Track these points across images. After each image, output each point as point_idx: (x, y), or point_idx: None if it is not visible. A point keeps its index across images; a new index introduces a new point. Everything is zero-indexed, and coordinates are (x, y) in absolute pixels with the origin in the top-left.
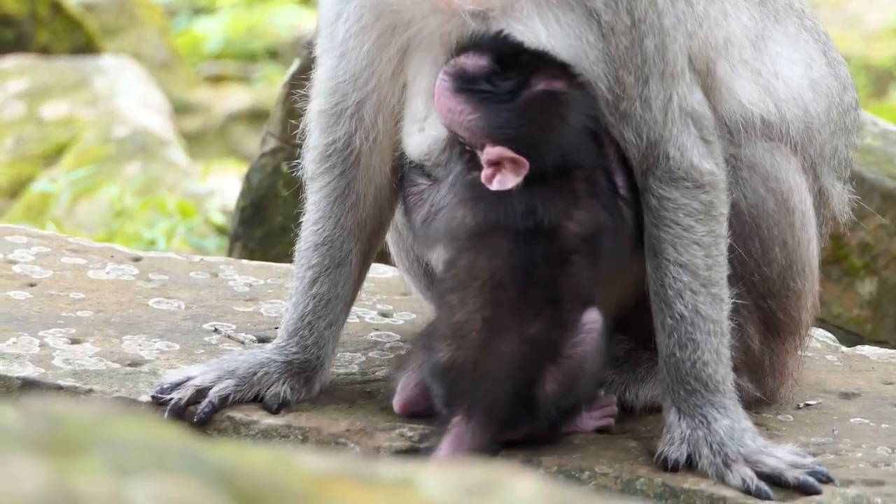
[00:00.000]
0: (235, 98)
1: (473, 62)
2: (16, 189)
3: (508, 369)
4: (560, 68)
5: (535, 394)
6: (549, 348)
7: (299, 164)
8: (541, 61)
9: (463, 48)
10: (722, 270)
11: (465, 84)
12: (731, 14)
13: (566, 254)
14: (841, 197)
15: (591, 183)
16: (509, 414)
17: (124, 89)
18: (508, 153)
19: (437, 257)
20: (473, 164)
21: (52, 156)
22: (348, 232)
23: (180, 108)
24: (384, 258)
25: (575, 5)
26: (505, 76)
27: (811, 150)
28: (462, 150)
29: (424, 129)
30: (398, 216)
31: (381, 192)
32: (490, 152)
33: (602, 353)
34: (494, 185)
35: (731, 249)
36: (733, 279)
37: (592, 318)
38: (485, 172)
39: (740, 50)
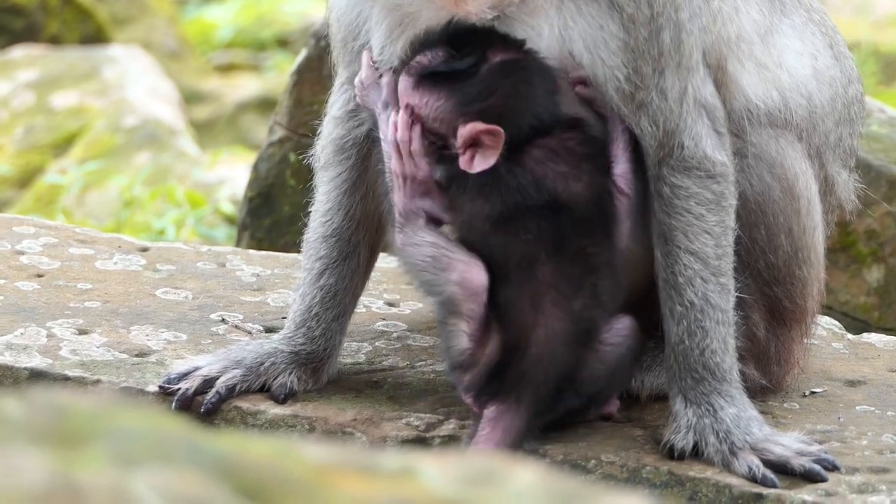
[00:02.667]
0: (245, 87)
1: (426, 56)
2: (26, 179)
3: (560, 348)
4: (513, 41)
5: (576, 377)
6: (592, 327)
7: (309, 153)
8: (493, 36)
9: (413, 51)
10: (729, 261)
11: (423, 74)
12: (741, 9)
13: (588, 222)
14: (847, 185)
15: (586, 146)
16: (552, 401)
17: (134, 79)
18: (481, 126)
19: None
20: (452, 162)
21: (62, 145)
22: (357, 224)
23: (190, 98)
24: (392, 247)
25: None
26: (461, 56)
27: (816, 137)
28: (440, 156)
29: None
30: None
31: None
32: (463, 132)
33: (635, 359)
34: (476, 166)
35: (736, 237)
36: (739, 267)
37: (627, 325)
38: (462, 158)
39: (750, 45)
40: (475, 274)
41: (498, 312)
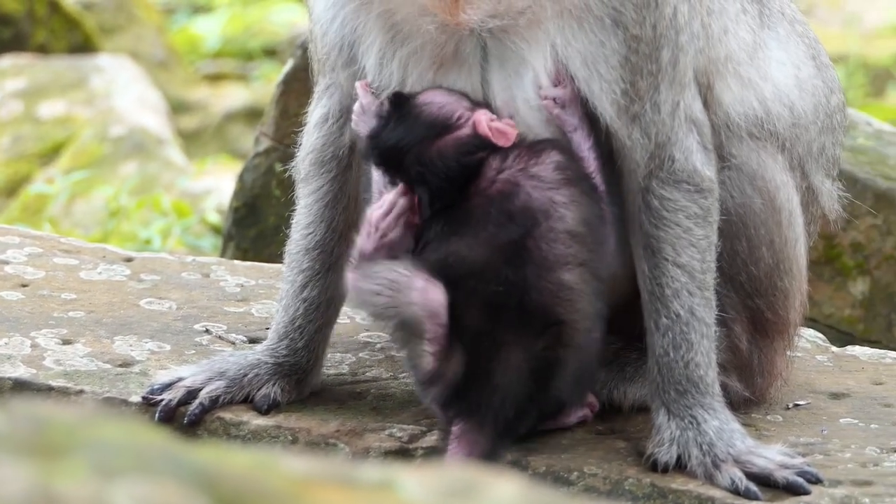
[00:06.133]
0: (233, 97)
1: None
2: (13, 188)
3: (517, 383)
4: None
5: (538, 401)
6: (553, 366)
7: (293, 164)
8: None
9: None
10: (712, 276)
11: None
12: (730, 30)
13: (558, 269)
14: (830, 194)
15: (566, 171)
16: (516, 422)
17: (122, 88)
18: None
19: None
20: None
21: (49, 155)
22: (340, 235)
23: (178, 107)
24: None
25: (604, 17)
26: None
27: (799, 147)
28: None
29: None
30: None
31: None
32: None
33: (598, 364)
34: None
35: (718, 250)
36: (721, 279)
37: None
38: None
39: (737, 65)
40: (435, 294)
41: (461, 333)
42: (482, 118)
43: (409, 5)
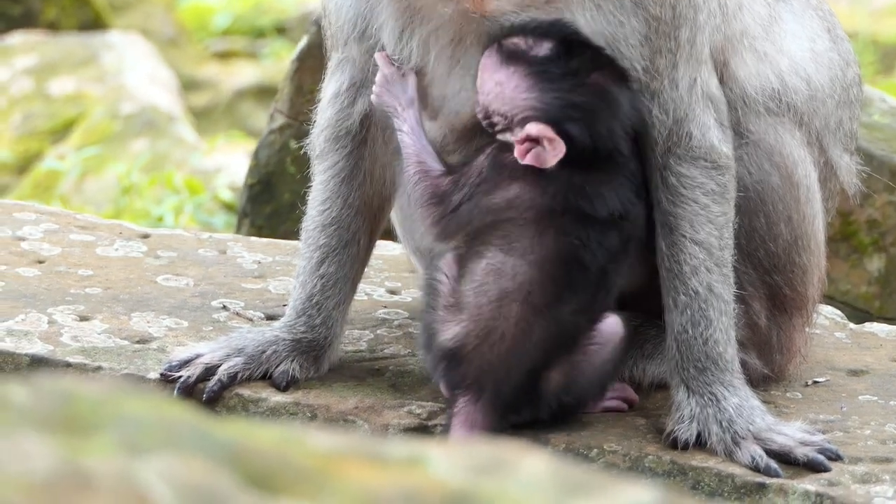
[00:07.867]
0: (243, 74)
1: (531, 43)
2: (24, 165)
3: (532, 349)
4: (618, 70)
5: (542, 383)
6: (569, 336)
7: (308, 141)
8: (602, 58)
9: (517, 31)
10: (730, 253)
11: (519, 59)
12: (745, 5)
13: (621, 250)
14: (849, 168)
15: (633, 179)
16: (515, 399)
17: (132, 65)
18: (550, 133)
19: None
20: (506, 147)
21: (60, 132)
22: (356, 212)
23: (188, 85)
24: (392, 235)
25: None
26: (565, 62)
27: (816, 121)
28: (492, 134)
29: (438, 117)
30: (403, 197)
31: (386, 168)
32: (531, 128)
33: (616, 365)
34: (528, 160)
35: (736, 226)
36: (739, 256)
37: (615, 329)
38: (519, 148)
39: (752, 40)
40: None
41: (470, 298)
42: None
43: None
